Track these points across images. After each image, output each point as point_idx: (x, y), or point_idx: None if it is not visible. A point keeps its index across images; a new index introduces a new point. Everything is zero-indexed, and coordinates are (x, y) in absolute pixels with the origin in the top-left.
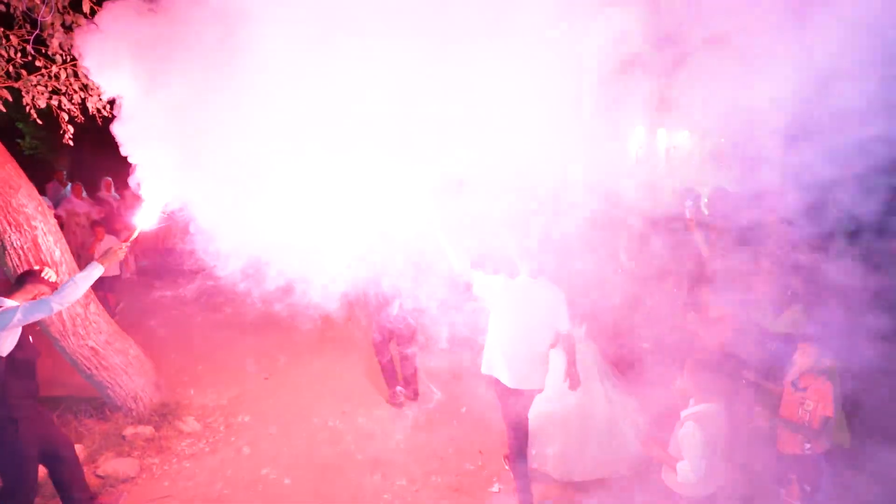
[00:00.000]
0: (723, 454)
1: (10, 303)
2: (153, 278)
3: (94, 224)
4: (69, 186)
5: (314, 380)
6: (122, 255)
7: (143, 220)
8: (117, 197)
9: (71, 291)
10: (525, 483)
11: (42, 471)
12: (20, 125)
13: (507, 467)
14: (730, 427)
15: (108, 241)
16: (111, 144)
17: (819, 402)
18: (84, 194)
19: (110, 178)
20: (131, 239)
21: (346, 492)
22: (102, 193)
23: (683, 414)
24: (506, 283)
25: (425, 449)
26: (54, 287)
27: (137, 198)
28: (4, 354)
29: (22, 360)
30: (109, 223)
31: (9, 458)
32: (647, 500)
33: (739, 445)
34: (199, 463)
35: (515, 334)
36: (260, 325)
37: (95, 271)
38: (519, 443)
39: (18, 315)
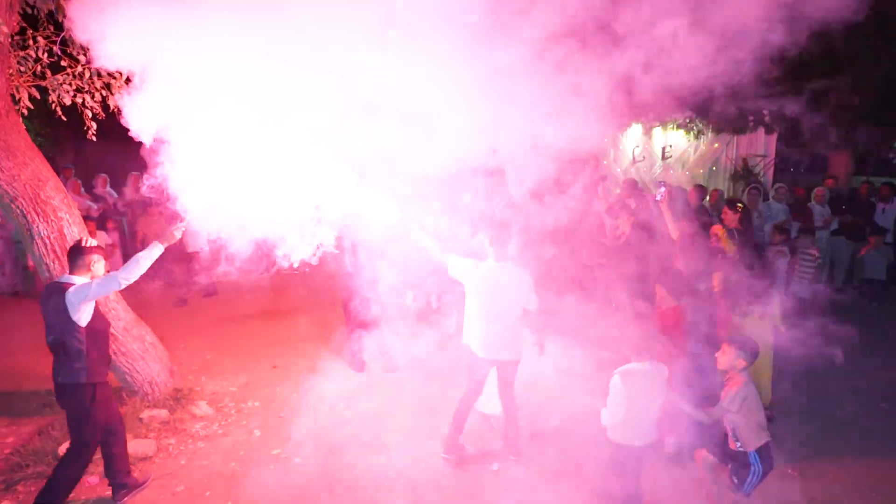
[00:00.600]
0: (650, 412)
1: (79, 279)
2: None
3: (85, 221)
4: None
5: (319, 368)
6: (179, 235)
7: (193, 203)
8: (114, 194)
9: (134, 268)
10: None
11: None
12: (25, 123)
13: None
14: (663, 390)
15: (99, 237)
16: (114, 141)
17: (726, 394)
18: (82, 191)
19: (106, 175)
20: (187, 220)
21: (353, 470)
22: (99, 190)
23: (616, 370)
24: (475, 267)
25: (428, 431)
26: (99, 249)
27: (135, 193)
28: (84, 325)
29: (98, 330)
30: (104, 220)
31: (83, 419)
32: (591, 448)
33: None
34: (213, 444)
35: (486, 312)
36: (263, 316)
37: (156, 250)
38: (468, 404)
39: (94, 288)
